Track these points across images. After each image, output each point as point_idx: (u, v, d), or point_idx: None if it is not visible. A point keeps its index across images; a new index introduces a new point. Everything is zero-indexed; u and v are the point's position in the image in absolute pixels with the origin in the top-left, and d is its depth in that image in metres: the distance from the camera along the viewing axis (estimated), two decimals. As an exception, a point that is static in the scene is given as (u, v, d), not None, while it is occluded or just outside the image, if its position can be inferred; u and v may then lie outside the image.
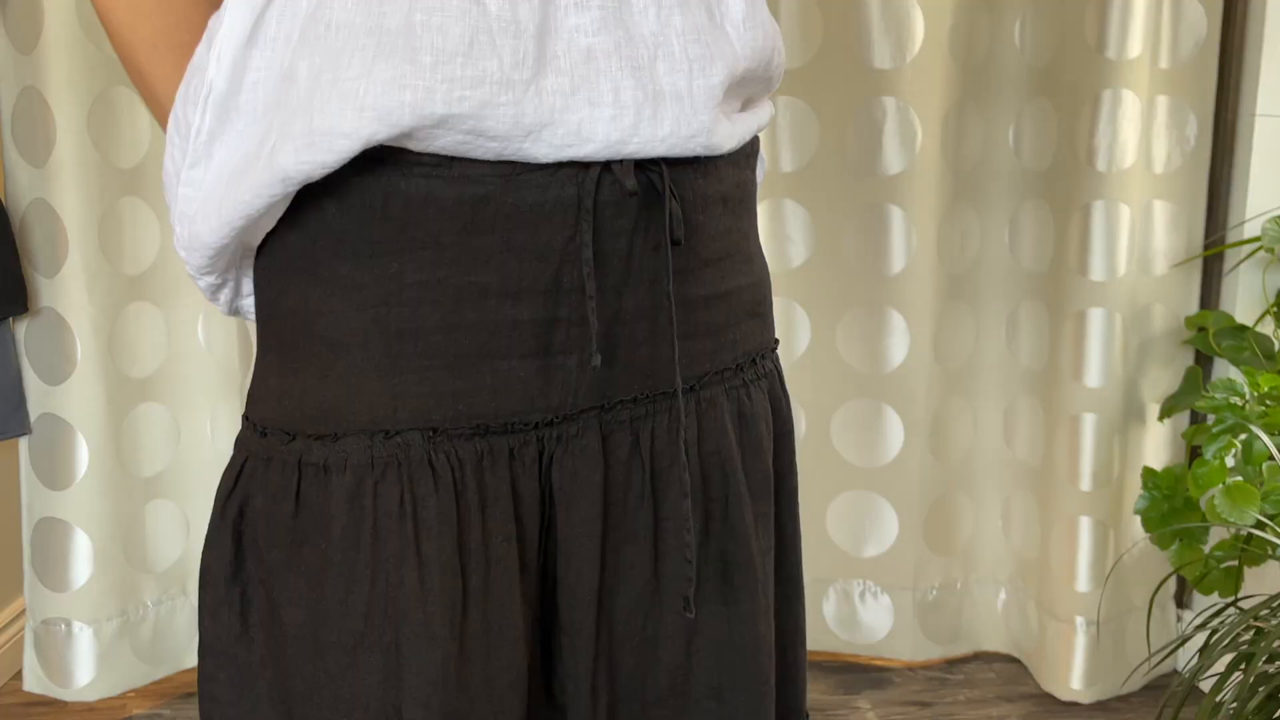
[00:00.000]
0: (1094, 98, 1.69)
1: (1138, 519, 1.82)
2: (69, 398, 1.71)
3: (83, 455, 1.73)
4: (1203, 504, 1.48)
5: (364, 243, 0.62)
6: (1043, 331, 1.85)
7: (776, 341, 0.81)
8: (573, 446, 0.68)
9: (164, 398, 1.82)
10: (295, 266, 0.64)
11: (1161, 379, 1.83)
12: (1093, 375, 1.76)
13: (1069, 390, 1.78)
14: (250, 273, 0.69)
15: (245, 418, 0.69)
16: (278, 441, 0.66)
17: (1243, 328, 1.68)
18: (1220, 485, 1.29)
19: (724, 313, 0.74)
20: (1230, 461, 1.42)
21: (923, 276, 1.83)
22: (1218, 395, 1.37)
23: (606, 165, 0.64)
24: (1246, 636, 1.17)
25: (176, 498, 1.85)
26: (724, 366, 0.75)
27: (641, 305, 0.68)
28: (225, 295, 0.71)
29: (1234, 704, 1.15)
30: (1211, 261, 1.82)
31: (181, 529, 1.87)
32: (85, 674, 1.79)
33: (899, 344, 1.86)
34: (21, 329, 1.71)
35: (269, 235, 0.65)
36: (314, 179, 0.59)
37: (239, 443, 0.68)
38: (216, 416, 1.86)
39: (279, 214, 0.63)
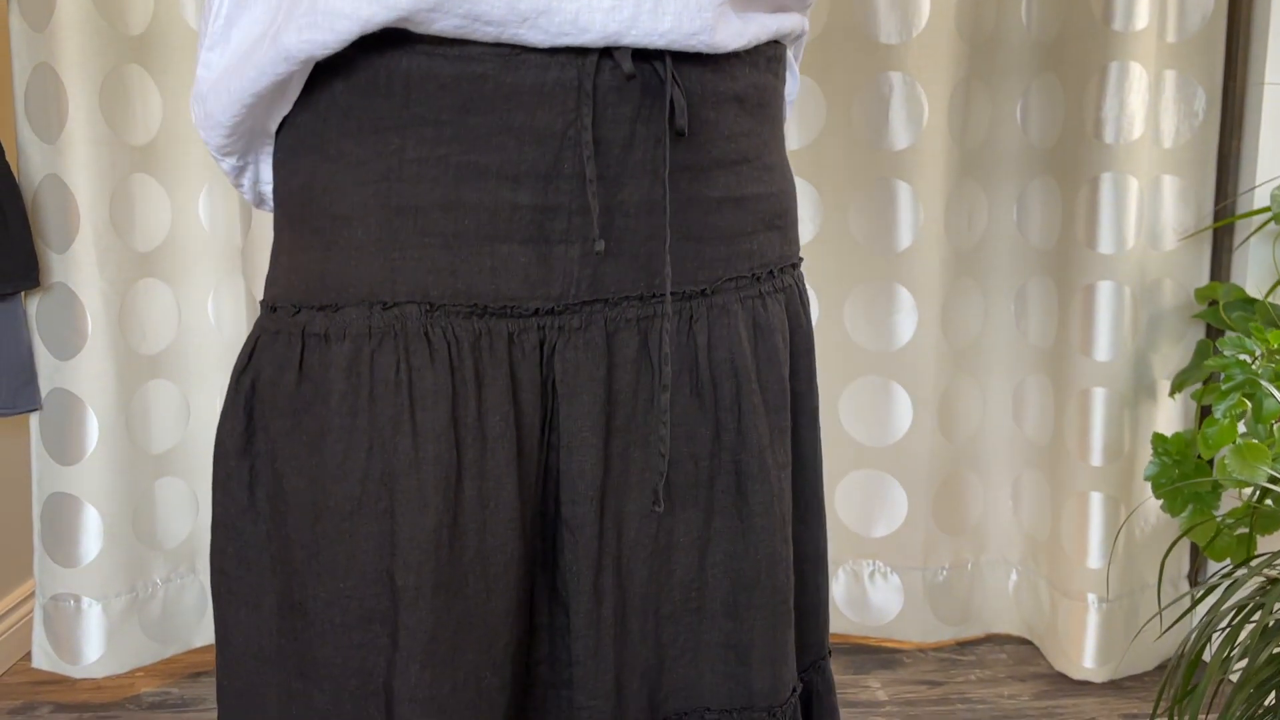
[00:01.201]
0: (1101, 70, 1.69)
1: (1149, 495, 1.81)
2: (79, 373, 1.72)
3: (93, 430, 1.73)
4: (1213, 466, 1.47)
5: (367, 118, 0.64)
6: (1051, 308, 1.84)
7: (800, 259, 0.80)
8: (575, 339, 0.68)
9: (174, 375, 1.82)
10: (306, 145, 0.66)
11: (1172, 355, 1.82)
12: (1102, 349, 1.75)
13: (1078, 365, 1.77)
14: (269, 161, 0.72)
15: (261, 303, 0.71)
16: (285, 315, 0.68)
17: (1253, 300, 1.67)
18: (1231, 444, 1.28)
19: (739, 219, 0.73)
20: (1242, 429, 1.41)
21: (930, 253, 1.83)
22: (1227, 352, 1.36)
23: (607, 51, 0.64)
24: (1256, 593, 1.16)
25: (186, 476, 1.86)
26: (739, 275, 0.74)
27: (644, 199, 0.68)
28: (248, 180, 0.73)
29: (1244, 660, 1.14)
30: (1221, 236, 1.81)
31: (191, 507, 1.87)
32: (94, 650, 1.79)
33: (907, 321, 1.85)
34: (33, 305, 1.72)
35: (286, 119, 0.68)
36: (316, 58, 0.61)
37: (254, 325, 0.71)
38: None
39: (292, 96, 0.65)
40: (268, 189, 0.74)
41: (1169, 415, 1.82)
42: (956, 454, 1.92)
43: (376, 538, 0.65)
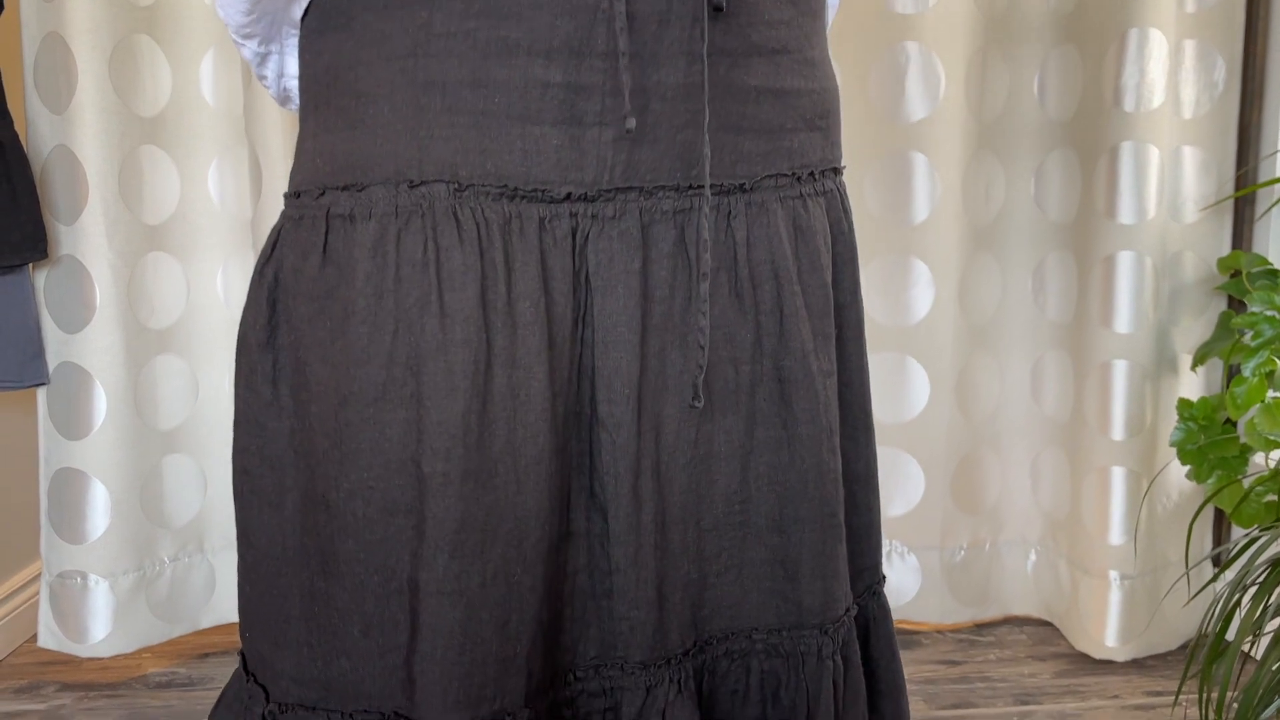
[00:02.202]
0: (1120, 37, 1.67)
1: (1172, 470, 1.78)
2: (87, 346, 1.70)
3: (100, 405, 1.71)
4: (1240, 428, 1.44)
5: None
6: (1070, 283, 1.82)
7: (844, 165, 0.78)
8: (609, 229, 0.66)
9: (182, 351, 1.81)
10: (331, 24, 0.65)
11: (1194, 329, 1.79)
12: (1123, 321, 1.72)
13: (1099, 337, 1.75)
14: (294, 53, 0.70)
15: (285, 195, 0.70)
16: (309, 199, 0.66)
17: (1276, 271, 1.65)
18: (1260, 403, 1.26)
19: (779, 113, 0.71)
20: (1271, 394, 1.38)
21: (947, 226, 1.80)
22: (1255, 308, 1.34)
23: None
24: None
25: (194, 453, 1.84)
26: (779, 173, 0.71)
27: (681, 82, 0.65)
28: (271, 71, 0.71)
29: (1275, 619, 1.11)
30: (1243, 207, 1.79)
31: (199, 485, 1.85)
32: (101, 629, 1.76)
33: (923, 296, 1.83)
34: (41, 277, 1.70)
35: (312, 3, 0.66)
36: None
37: (280, 217, 0.69)
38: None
39: None
40: (293, 84, 0.72)
41: (1192, 389, 1.79)
42: (974, 432, 1.90)
43: (402, 424, 0.63)
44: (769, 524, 0.73)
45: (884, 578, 0.84)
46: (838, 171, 0.77)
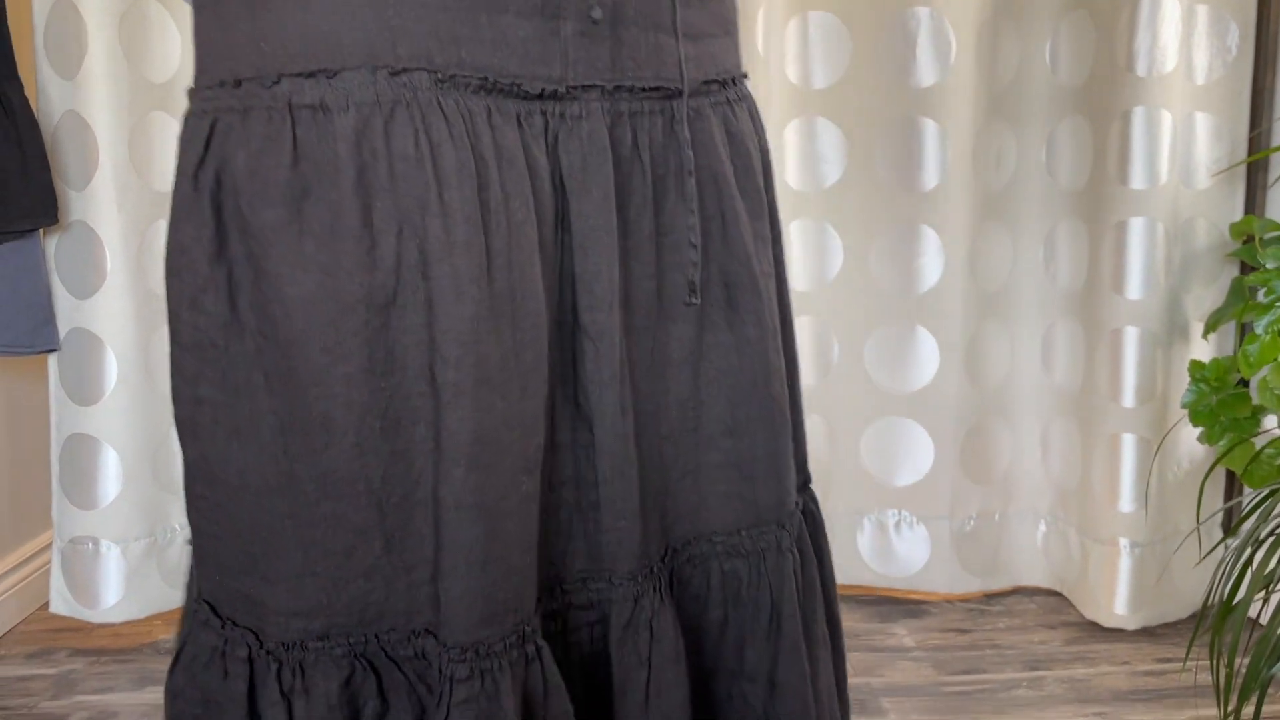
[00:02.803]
0: (1133, 1, 1.66)
1: (1183, 438, 1.77)
2: (98, 311, 1.71)
3: (111, 370, 1.72)
4: (1253, 387, 1.43)
5: None
6: (1081, 251, 1.81)
7: (745, 74, 0.78)
8: (577, 129, 0.65)
9: (193, 318, 1.81)
10: None
11: (1205, 296, 1.78)
12: (1134, 287, 1.71)
13: (1110, 304, 1.74)
14: None
15: (197, 89, 0.62)
16: (256, 87, 0.59)
17: (1289, 236, 1.64)
18: (1273, 361, 1.25)
19: (704, 19, 0.71)
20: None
21: (958, 193, 1.80)
22: (1270, 265, 1.33)
23: None
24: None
25: (204, 420, 1.84)
26: (710, 78, 0.72)
27: None
28: None
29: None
30: (1255, 173, 1.78)
31: (209, 452, 1.86)
32: (112, 595, 1.77)
33: (933, 264, 1.82)
34: (52, 243, 1.71)
35: None
36: None
37: (194, 114, 0.62)
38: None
39: None
40: None
41: (1203, 357, 1.78)
42: (984, 401, 1.89)
43: (417, 330, 0.60)
44: (721, 428, 0.73)
45: (809, 475, 0.84)
46: (745, 78, 0.77)
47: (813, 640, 0.78)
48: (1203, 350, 1.78)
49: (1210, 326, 1.72)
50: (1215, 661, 1.14)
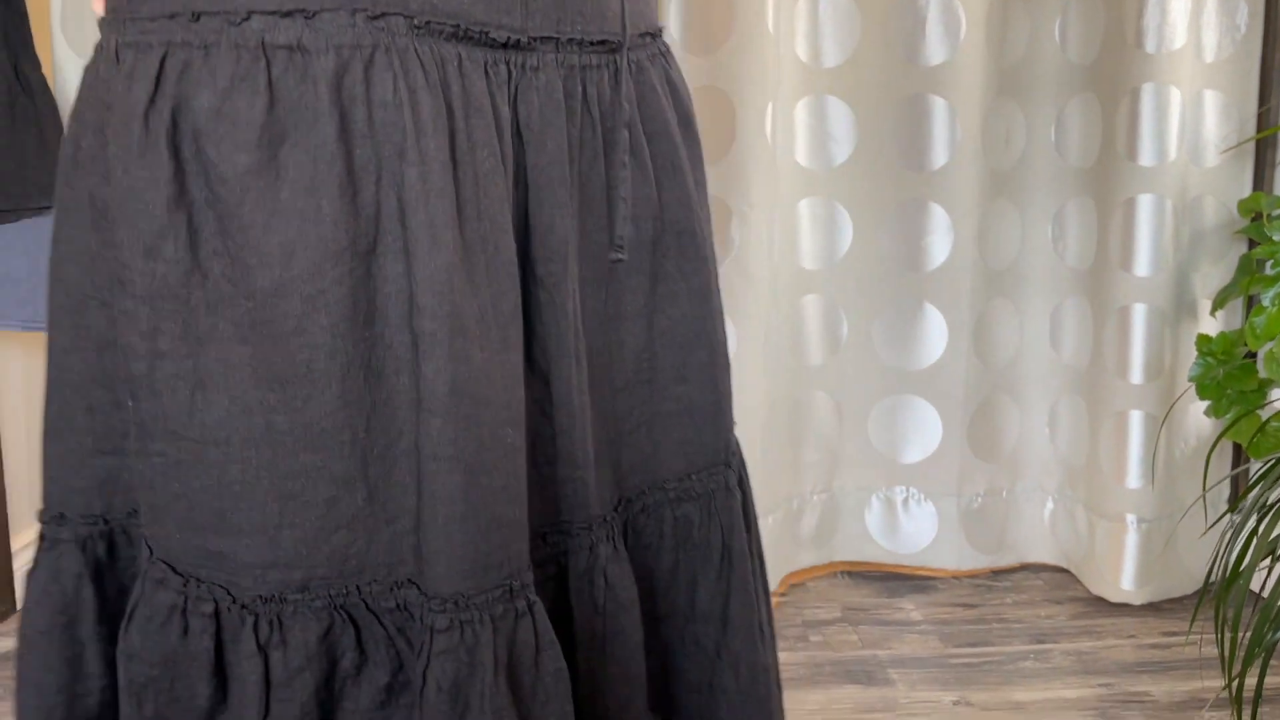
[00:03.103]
0: (1142, -22, 1.67)
1: (1190, 415, 1.78)
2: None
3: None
4: (1260, 360, 1.44)
5: None
6: (1089, 229, 1.82)
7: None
8: (534, 80, 0.66)
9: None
10: None
11: (1213, 274, 1.79)
12: (1143, 264, 1.72)
13: (1119, 281, 1.75)
14: None
15: (132, 18, 0.58)
16: (219, 23, 0.57)
17: (1297, 212, 1.64)
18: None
19: None
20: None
21: (967, 171, 1.81)
22: (1277, 237, 1.34)
23: None
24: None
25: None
26: (645, 31, 0.73)
27: None
28: None
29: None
30: (1264, 150, 1.78)
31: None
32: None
33: (941, 241, 1.83)
34: (69, 220, 1.73)
35: None
36: None
37: (129, 45, 0.58)
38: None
39: None
40: None
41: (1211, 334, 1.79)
42: (993, 379, 1.90)
43: (398, 279, 0.60)
44: (674, 376, 0.75)
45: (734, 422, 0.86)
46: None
47: (755, 574, 0.80)
48: (1210, 327, 1.79)
49: (1218, 303, 1.73)
50: (1221, 630, 1.15)
